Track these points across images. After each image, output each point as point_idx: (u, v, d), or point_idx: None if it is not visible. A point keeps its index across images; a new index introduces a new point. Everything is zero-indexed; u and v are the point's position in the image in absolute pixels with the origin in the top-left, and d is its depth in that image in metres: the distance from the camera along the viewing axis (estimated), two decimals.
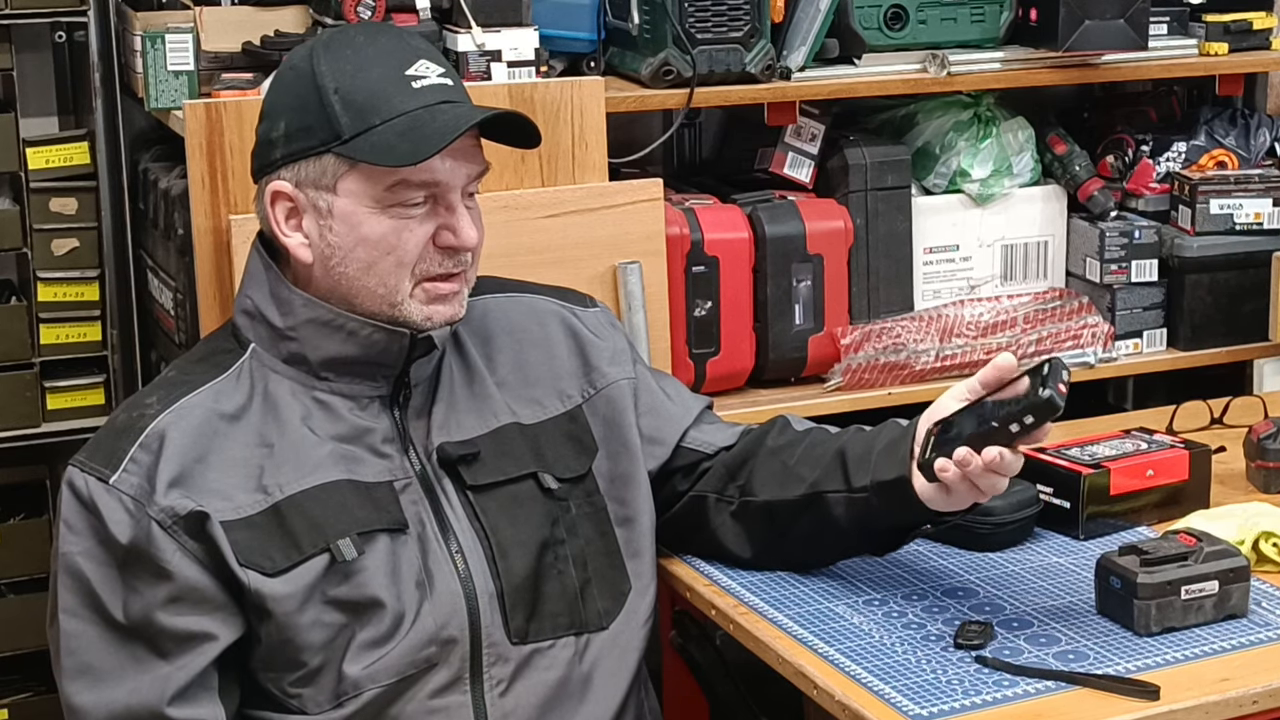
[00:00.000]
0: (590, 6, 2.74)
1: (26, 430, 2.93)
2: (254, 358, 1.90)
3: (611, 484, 2.02)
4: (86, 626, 1.80)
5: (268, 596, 1.79)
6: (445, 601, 1.86)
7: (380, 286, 1.86)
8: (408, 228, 1.85)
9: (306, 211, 1.86)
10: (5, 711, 3.00)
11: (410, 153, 1.80)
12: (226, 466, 1.83)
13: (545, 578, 1.92)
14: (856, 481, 1.97)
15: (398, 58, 1.86)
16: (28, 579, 2.99)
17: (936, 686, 1.84)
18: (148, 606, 1.79)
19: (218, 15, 2.59)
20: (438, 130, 1.81)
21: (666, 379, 2.18)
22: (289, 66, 1.90)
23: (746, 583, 2.10)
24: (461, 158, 1.86)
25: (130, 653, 1.79)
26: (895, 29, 2.86)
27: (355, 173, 1.83)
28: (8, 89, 2.95)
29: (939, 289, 2.97)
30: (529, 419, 1.99)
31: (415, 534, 1.87)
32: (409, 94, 1.83)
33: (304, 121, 1.84)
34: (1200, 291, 3.03)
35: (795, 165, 2.90)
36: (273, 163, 1.88)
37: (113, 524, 1.79)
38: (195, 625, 1.79)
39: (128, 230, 2.94)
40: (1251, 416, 2.57)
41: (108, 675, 1.79)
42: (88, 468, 1.82)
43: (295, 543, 1.82)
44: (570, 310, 2.10)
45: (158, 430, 1.83)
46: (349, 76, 1.84)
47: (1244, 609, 1.98)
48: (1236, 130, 3.16)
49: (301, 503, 1.84)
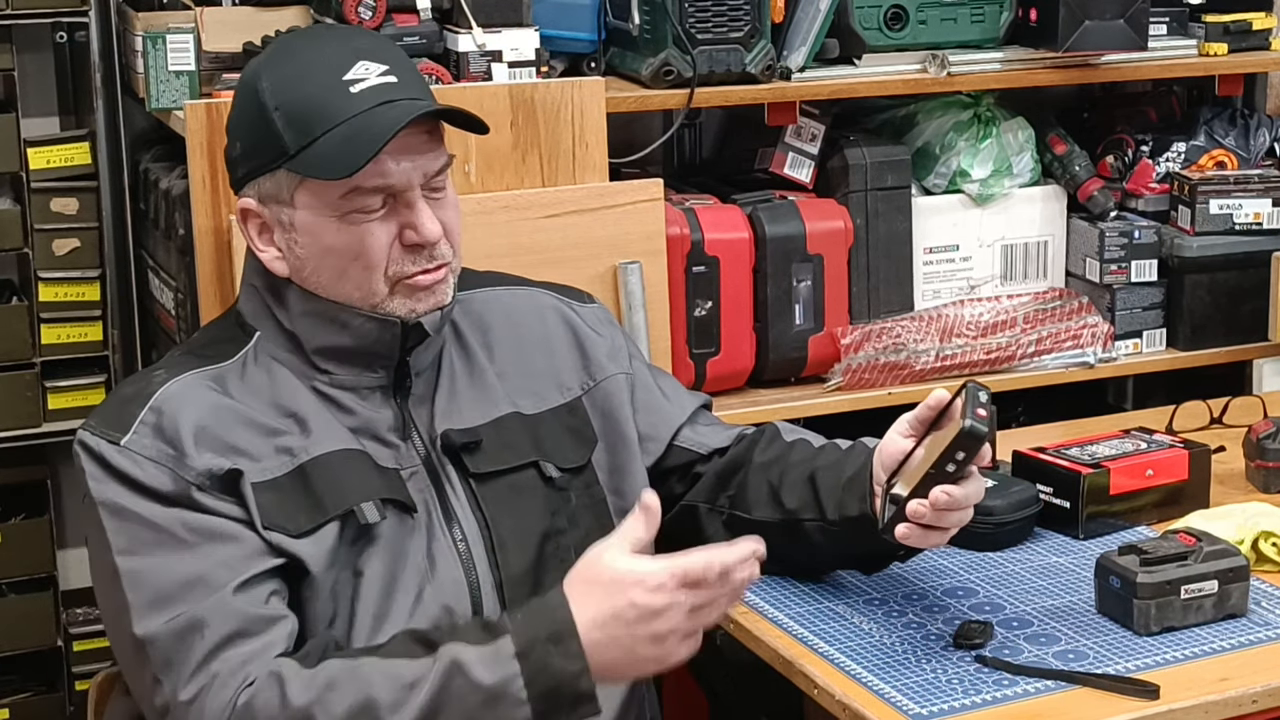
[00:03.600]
0: (590, 7, 2.74)
1: (27, 430, 2.93)
2: (258, 347, 1.90)
3: (610, 476, 2.03)
4: (147, 556, 1.76)
5: (294, 557, 1.79)
6: (449, 588, 1.86)
7: (356, 291, 1.86)
8: (369, 232, 1.84)
9: (274, 226, 1.87)
10: (5, 711, 3.00)
11: (347, 164, 1.79)
12: (246, 427, 1.83)
13: (546, 568, 1.92)
14: (829, 514, 1.99)
15: (336, 63, 1.84)
16: (28, 579, 2.99)
17: (936, 686, 1.84)
18: (206, 520, 1.77)
19: (218, 15, 2.59)
20: (373, 136, 1.79)
21: (664, 377, 2.18)
22: (240, 84, 1.90)
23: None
24: (413, 153, 1.84)
25: (195, 555, 1.76)
26: (895, 29, 2.86)
27: (306, 186, 1.83)
28: (9, 89, 2.96)
29: (939, 289, 2.97)
30: (529, 409, 2.00)
31: (422, 520, 1.88)
32: (347, 100, 1.81)
33: (255, 139, 1.85)
34: (1200, 291, 3.03)
35: (795, 165, 2.90)
36: (238, 180, 1.89)
37: (146, 477, 1.78)
38: (254, 542, 1.78)
39: (128, 230, 2.94)
40: (1251, 416, 2.57)
41: (178, 588, 1.75)
42: (99, 431, 1.81)
43: (319, 504, 1.81)
44: (568, 305, 2.10)
45: (168, 394, 1.82)
46: (288, 90, 1.83)
47: (1243, 608, 1.98)
48: (1236, 130, 3.16)
49: (327, 464, 1.83)
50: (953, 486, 1.84)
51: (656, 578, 1.68)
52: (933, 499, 1.84)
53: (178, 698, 1.71)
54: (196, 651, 1.72)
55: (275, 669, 1.71)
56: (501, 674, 1.67)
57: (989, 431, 1.81)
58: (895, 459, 1.91)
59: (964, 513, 1.88)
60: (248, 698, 1.70)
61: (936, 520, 1.86)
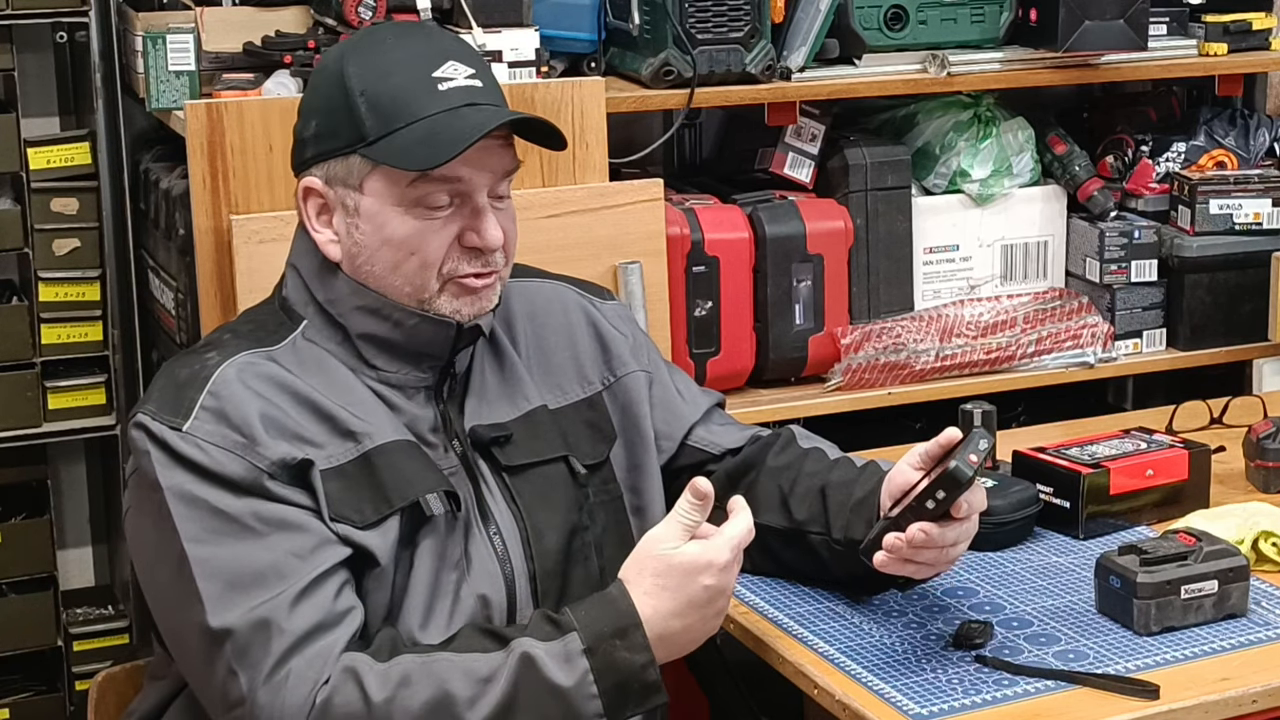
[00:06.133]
0: (591, 7, 2.74)
1: (27, 430, 2.93)
2: (305, 334, 1.90)
3: (628, 473, 2.03)
4: (219, 546, 1.75)
5: (362, 548, 1.79)
6: (484, 580, 1.86)
7: (407, 285, 1.87)
8: (432, 229, 1.85)
9: (336, 209, 1.88)
10: (5, 711, 3.00)
11: (428, 157, 1.81)
12: (308, 412, 1.82)
13: (574, 562, 1.93)
14: (835, 532, 2.00)
15: (425, 59, 1.87)
16: (28, 579, 2.99)
17: (936, 686, 1.84)
18: (278, 509, 1.76)
19: (219, 15, 2.59)
20: (457, 135, 1.81)
21: (680, 376, 2.18)
22: (321, 67, 1.92)
23: (746, 582, 2.10)
24: (486, 158, 1.86)
25: (267, 545, 1.75)
26: (895, 29, 2.86)
27: (379, 173, 1.84)
28: (9, 89, 2.95)
29: (939, 289, 2.97)
30: (554, 403, 2.00)
31: (462, 518, 1.88)
32: (434, 97, 1.84)
33: (332, 122, 1.86)
34: (1200, 291, 3.04)
35: (795, 165, 2.90)
36: (305, 160, 1.90)
37: (216, 465, 1.77)
38: (322, 532, 1.77)
39: (129, 230, 2.94)
40: (1251, 416, 2.57)
41: (252, 579, 1.74)
42: (159, 417, 1.79)
43: (384, 495, 1.82)
44: (590, 300, 2.11)
45: (224, 379, 1.81)
46: (375, 79, 1.85)
47: (1243, 608, 1.98)
48: (1236, 130, 3.16)
49: (390, 453, 1.84)
50: (931, 525, 1.84)
51: (722, 556, 1.76)
52: (909, 535, 1.84)
53: (257, 693, 1.71)
54: (276, 646, 1.71)
55: (350, 665, 1.71)
56: (572, 669, 1.71)
57: (972, 477, 1.81)
58: (902, 489, 1.91)
59: (939, 553, 1.87)
60: (326, 694, 1.70)
61: (912, 555, 1.86)
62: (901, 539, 1.84)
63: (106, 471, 3.15)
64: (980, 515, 1.95)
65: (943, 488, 1.82)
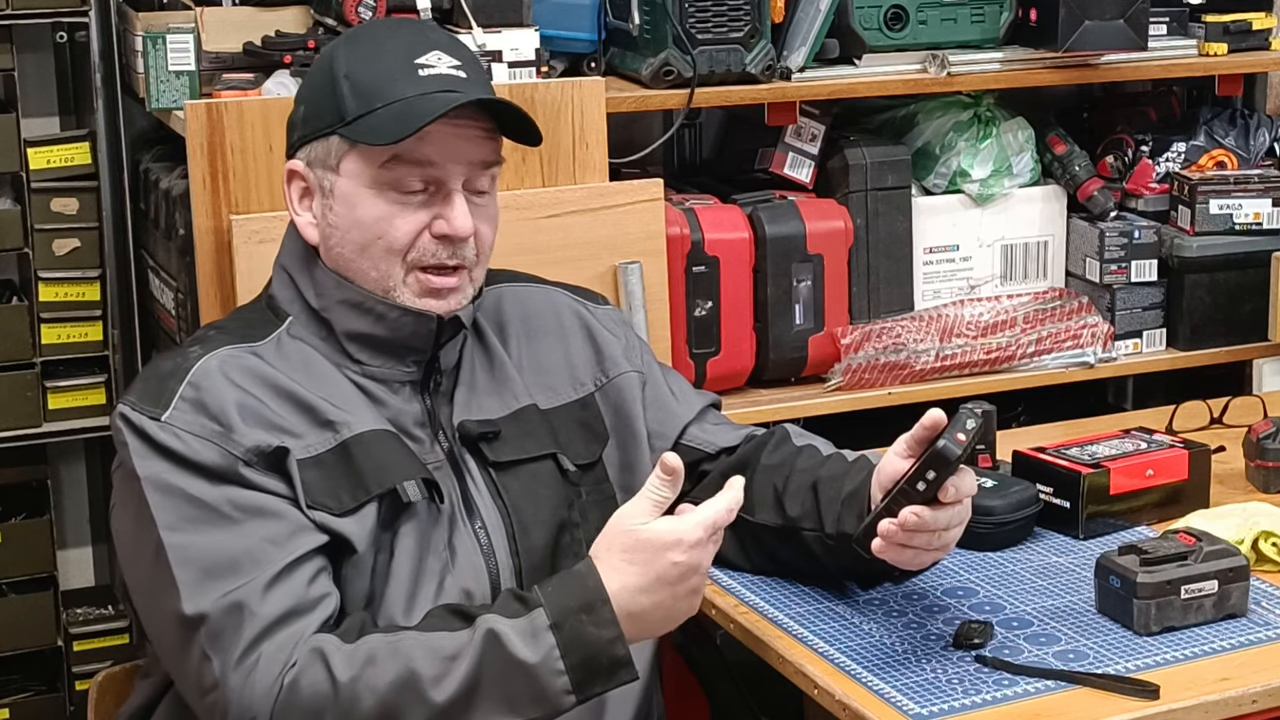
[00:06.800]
0: (591, 7, 2.74)
1: (27, 430, 2.93)
2: (290, 330, 1.91)
3: (621, 473, 2.04)
4: (194, 533, 1.76)
5: (339, 535, 1.80)
6: (469, 573, 1.87)
7: (373, 270, 1.88)
8: (401, 213, 1.86)
9: (316, 191, 1.90)
10: (5, 711, 3.00)
11: (395, 131, 1.82)
12: (286, 402, 1.84)
13: (562, 557, 1.93)
14: (827, 527, 1.99)
15: (411, 48, 1.89)
16: (28, 579, 2.99)
17: (936, 686, 1.84)
18: (253, 497, 1.77)
19: (219, 15, 2.59)
20: (424, 111, 1.83)
21: (674, 376, 2.18)
22: (319, 56, 1.96)
23: (746, 582, 2.10)
24: (462, 145, 1.87)
25: (242, 532, 1.76)
26: (895, 29, 2.86)
27: (354, 153, 1.86)
28: (9, 89, 2.96)
29: (939, 289, 2.97)
30: (545, 404, 2.01)
31: (446, 512, 1.88)
32: (412, 81, 1.86)
33: (318, 105, 1.89)
34: (1200, 291, 3.04)
35: (795, 165, 2.90)
36: (293, 144, 1.93)
37: (192, 453, 1.78)
38: (297, 519, 1.78)
39: (129, 230, 2.94)
40: (1251, 416, 2.57)
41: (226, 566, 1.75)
42: (139, 407, 1.81)
43: (361, 482, 1.82)
44: (583, 304, 2.12)
45: (204, 370, 1.83)
46: (360, 64, 1.88)
47: (1243, 608, 1.98)
48: (1236, 130, 3.16)
49: (368, 442, 1.84)
50: (923, 508, 1.83)
51: (693, 534, 1.74)
52: (902, 518, 1.83)
53: (228, 677, 1.71)
54: (248, 630, 1.72)
55: (317, 646, 1.72)
56: (538, 645, 1.70)
57: (961, 455, 1.80)
58: (892, 479, 1.90)
59: (932, 537, 1.87)
60: (293, 676, 1.70)
61: (907, 540, 1.85)
62: (895, 523, 1.84)
63: (106, 471, 3.14)
64: (980, 515, 1.95)
65: (932, 467, 1.82)
